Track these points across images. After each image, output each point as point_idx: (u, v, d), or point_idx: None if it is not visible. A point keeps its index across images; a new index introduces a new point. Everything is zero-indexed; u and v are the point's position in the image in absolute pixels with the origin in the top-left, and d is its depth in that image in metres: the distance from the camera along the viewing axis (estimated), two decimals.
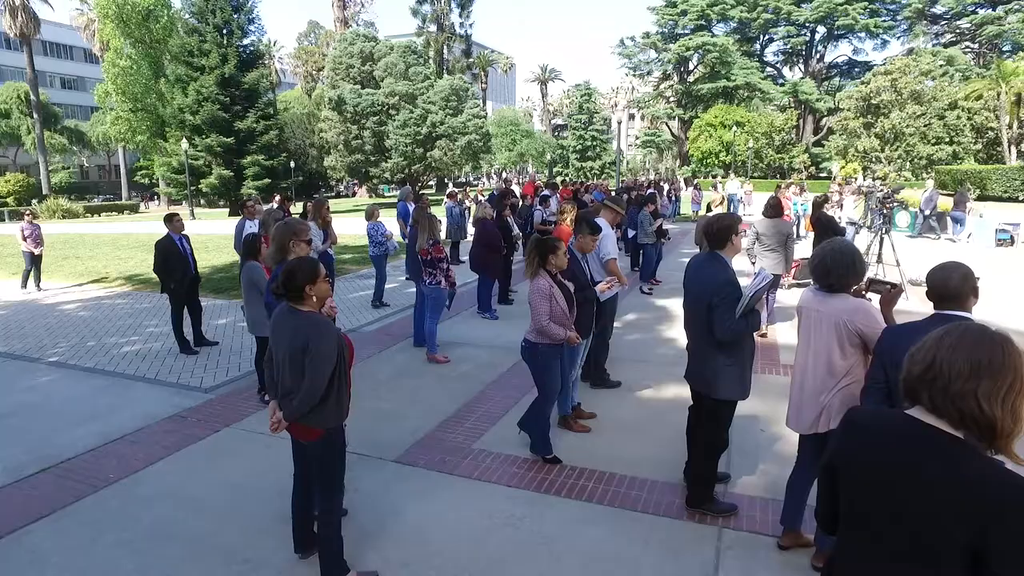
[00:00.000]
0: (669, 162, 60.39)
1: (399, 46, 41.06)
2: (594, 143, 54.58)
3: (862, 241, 12.39)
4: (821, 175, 43.62)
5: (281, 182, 36.87)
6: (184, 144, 30.76)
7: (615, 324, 6.56)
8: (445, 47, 56.05)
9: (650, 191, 14.40)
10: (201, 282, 8.28)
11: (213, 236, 18.78)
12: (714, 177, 36.08)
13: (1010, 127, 29.82)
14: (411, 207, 10.47)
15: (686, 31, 52.66)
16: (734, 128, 45.46)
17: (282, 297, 3.16)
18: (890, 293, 3.25)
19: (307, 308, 3.13)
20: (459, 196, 15.23)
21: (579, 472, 4.49)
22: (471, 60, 61.16)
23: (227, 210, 35.61)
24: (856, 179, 26.85)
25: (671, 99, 56.84)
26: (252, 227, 8.08)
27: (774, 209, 7.62)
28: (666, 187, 21.36)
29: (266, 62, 47.75)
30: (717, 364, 3.63)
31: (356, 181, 49.45)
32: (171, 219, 7.50)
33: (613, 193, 12.76)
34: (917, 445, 1.54)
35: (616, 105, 73.33)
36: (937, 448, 1.51)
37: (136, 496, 4.31)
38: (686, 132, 52.53)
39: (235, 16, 34.39)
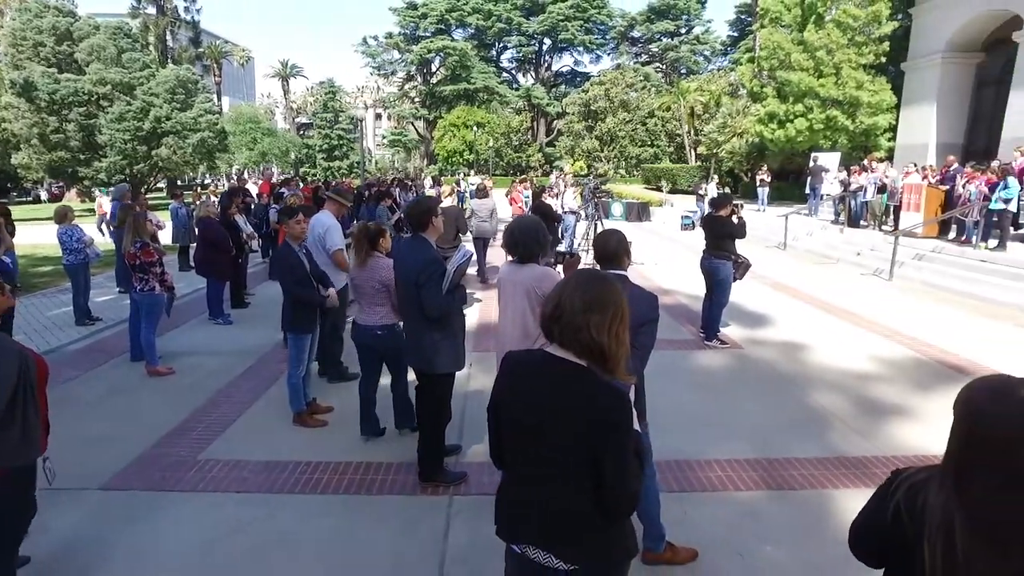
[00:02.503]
0: (417, 161, 61.37)
1: (108, 26, 35.34)
2: (341, 142, 53.09)
3: (581, 227, 14.14)
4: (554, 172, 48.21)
5: None
6: None
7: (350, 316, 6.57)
8: (168, 33, 49.98)
9: (391, 187, 14.77)
10: None
11: None
12: (457, 175, 37.88)
13: (689, 134, 36.07)
14: None
15: (427, 34, 54.06)
16: (475, 128, 47.93)
17: None
18: (568, 261, 3.83)
19: None
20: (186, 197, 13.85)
21: (314, 466, 4.45)
22: (201, 50, 55.41)
23: None
24: (569, 174, 30.52)
25: (416, 99, 57.82)
26: None
27: (482, 192, 11.05)
28: (409, 184, 21.90)
29: None
30: (431, 340, 3.84)
31: (62, 183, 41.59)
32: None
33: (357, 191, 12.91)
34: (552, 378, 1.79)
35: (362, 104, 72.30)
36: (567, 378, 1.78)
37: None
38: (431, 132, 53.95)
39: None
